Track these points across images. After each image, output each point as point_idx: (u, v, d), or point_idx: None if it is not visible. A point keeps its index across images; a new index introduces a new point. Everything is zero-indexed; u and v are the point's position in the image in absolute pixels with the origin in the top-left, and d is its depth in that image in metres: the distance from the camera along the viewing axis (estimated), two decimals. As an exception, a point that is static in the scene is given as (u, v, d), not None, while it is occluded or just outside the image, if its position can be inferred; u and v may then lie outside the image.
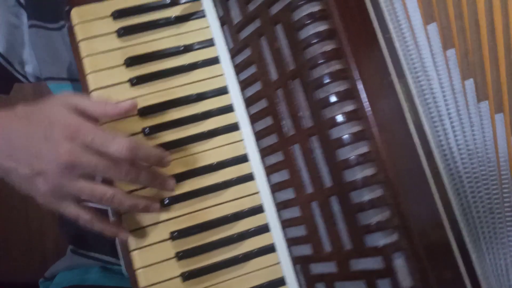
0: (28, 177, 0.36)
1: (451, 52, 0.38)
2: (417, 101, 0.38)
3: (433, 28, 0.38)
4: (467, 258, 0.36)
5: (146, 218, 0.41)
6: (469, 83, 0.38)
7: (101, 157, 0.35)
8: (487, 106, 0.38)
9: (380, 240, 0.34)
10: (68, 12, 0.43)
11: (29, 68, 0.53)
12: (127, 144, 0.36)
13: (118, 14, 0.43)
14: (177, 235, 0.41)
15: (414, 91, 0.38)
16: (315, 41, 0.35)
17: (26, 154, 0.35)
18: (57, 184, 0.35)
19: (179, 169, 0.42)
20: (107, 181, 0.38)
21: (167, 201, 0.41)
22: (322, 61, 0.35)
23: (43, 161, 0.35)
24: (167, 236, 0.41)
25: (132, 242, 0.40)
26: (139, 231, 0.41)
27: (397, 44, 0.38)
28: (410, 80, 0.38)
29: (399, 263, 0.34)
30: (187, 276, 0.40)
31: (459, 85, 0.38)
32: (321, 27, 0.35)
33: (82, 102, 0.38)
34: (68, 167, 0.35)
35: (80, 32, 0.42)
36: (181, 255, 0.41)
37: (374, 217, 0.34)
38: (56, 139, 0.35)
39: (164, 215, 0.41)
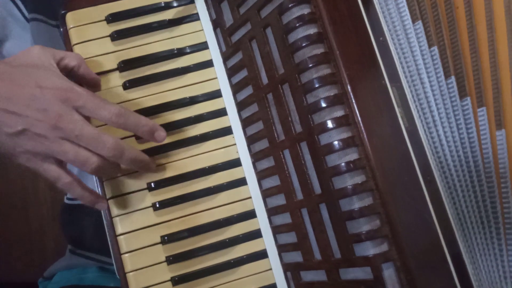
0: (12, 134, 0.35)
1: (434, 51, 0.37)
2: (412, 106, 0.37)
3: (418, 27, 0.37)
4: (463, 270, 0.35)
5: (138, 221, 0.41)
6: (451, 81, 0.37)
7: (89, 124, 0.35)
8: (470, 103, 0.37)
9: (369, 249, 0.33)
10: (64, 16, 0.43)
11: None
12: (117, 109, 0.36)
13: (112, 18, 0.43)
14: (168, 239, 0.41)
15: (409, 95, 0.37)
16: (304, 44, 0.34)
17: (9, 114, 0.34)
18: (41, 143, 0.35)
19: (171, 172, 0.42)
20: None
21: (158, 204, 0.41)
22: (311, 65, 0.34)
23: (29, 120, 0.34)
24: (158, 240, 0.41)
25: (123, 245, 0.40)
26: (131, 234, 0.41)
27: (392, 47, 0.37)
28: (405, 85, 0.37)
29: (389, 273, 0.33)
30: (177, 281, 0.40)
31: (445, 85, 0.37)
32: (310, 30, 0.34)
33: (58, 52, 0.38)
34: (56, 128, 0.34)
35: (74, 36, 0.43)
36: (172, 259, 0.40)
37: (363, 226, 0.33)
38: (46, 100, 0.34)
39: (155, 219, 0.41)
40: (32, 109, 0.34)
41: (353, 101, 0.34)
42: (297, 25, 0.35)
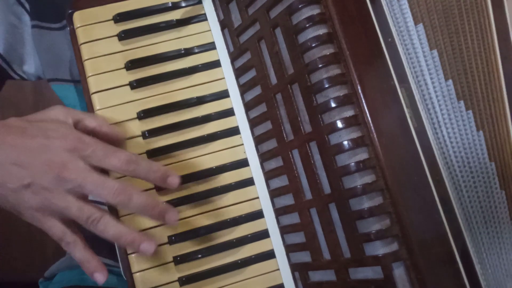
0: (17, 189, 0.34)
1: (434, 53, 0.38)
2: (420, 106, 0.37)
3: (420, 29, 0.38)
4: (471, 269, 0.35)
5: (144, 222, 0.41)
6: (449, 83, 0.38)
7: (93, 172, 0.34)
8: (463, 106, 0.38)
9: (379, 249, 0.33)
10: (71, 15, 0.43)
11: (29, 68, 0.53)
12: (127, 156, 0.35)
13: (120, 18, 0.43)
14: (174, 239, 0.40)
15: (417, 96, 0.37)
16: (314, 45, 0.35)
17: (17, 167, 0.34)
18: (45, 198, 0.34)
19: (178, 172, 0.41)
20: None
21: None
22: (321, 65, 0.34)
23: (35, 172, 0.34)
24: (165, 240, 0.41)
25: (130, 245, 0.40)
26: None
27: (399, 48, 0.37)
28: (413, 85, 0.37)
29: (399, 273, 0.33)
30: (184, 281, 0.40)
31: (445, 88, 0.38)
32: (320, 30, 0.35)
33: (77, 113, 0.37)
34: (60, 179, 0.33)
35: (82, 35, 0.43)
36: (179, 260, 0.40)
37: (373, 225, 0.33)
38: (53, 150, 0.34)
39: (162, 219, 0.41)
40: (38, 160, 0.34)
41: (363, 101, 0.34)
42: (307, 25, 0.35)
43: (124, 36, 0.43)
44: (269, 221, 0.41)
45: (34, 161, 0.34)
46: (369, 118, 0.34)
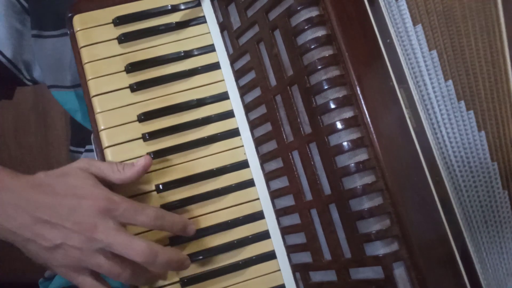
0: (49, 248, 0.35)
1: (433, 54, 0.38)
2: (419, 107, 0.37)
3: (419, 29, 0.38)
4: (471, 269, 0.35)
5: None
6: (449, 84, 0.38)
7: (121, 231, 0.35)
8: (464, 106, 0.38)
9: (380, 249, 0.33)
10: (71, 19, 0.43)
11: (38, 74, 0.54)
12: (155, 213, 0.37)
13: (119, 21, 0.43)
14: (176, 241, 0.41)
15: (416, 97, 0.37)
16: (313, 46, 0.35)
17: (49, 226, 0.35)
18: (76, 257, 0.35)
19: (179, 174, 0.42)
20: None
21: (167, 208, 0.41)
22: (320, 67, 0.34)
23: (66, 232, 0.35)
24: (166, 242, 0.41)
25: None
26: (140, 235, 0.41)
27: (398, 49, 0.38)
28: (412, 86, 0.37)
29: (399, 273, 0.33)
30: (186, 282, 0.40)
31: (445, 88, 0.38)
32: (319, 32, 0.35)
33: (103, 171, 0.38)
34: (91, 239, 0.35)
35: (81, 39, 0.43)
36: (180, 261, 0.40)
37: (373, 225, 0.34)
38: (84, 212, 0.35)
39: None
40: (70, 221, 0.35)
41: (362, 102, 0.34)
42: (306, 27, 0.35)
43: (124, 39, 0.43)
44: (270, 222, 0.42)
45: (66, 222, 0.35)
46: (369, 119, 0.34)
